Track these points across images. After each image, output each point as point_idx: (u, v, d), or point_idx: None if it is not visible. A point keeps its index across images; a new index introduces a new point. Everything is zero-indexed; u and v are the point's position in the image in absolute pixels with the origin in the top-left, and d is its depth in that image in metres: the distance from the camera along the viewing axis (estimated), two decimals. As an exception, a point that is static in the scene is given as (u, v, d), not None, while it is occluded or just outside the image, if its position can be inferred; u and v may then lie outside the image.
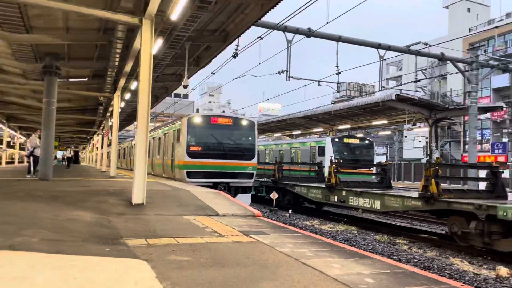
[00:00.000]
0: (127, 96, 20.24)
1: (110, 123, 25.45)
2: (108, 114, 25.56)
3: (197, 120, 15.91)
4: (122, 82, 16.62)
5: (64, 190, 10.46)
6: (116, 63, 14.76)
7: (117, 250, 4.84)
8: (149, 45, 8.88)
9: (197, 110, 19.40)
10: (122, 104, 21.98)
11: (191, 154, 15.28)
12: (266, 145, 32.27)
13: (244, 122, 16.51)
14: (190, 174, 15.03)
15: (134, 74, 15.97)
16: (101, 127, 31.92)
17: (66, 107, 25.37)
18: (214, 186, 14.92)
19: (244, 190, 16.02)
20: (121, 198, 9.34)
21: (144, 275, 3.92)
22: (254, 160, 16.27)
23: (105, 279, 3.72)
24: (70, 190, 10.67)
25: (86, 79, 18.91)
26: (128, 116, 32.45)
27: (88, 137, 49.13)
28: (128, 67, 14.12)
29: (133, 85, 17.61)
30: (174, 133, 16.93)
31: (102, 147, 28.35)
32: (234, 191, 15.58)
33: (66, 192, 10.15)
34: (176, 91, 27.23)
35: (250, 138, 16.42)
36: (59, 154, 54.59)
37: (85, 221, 6.65)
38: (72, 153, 25.44)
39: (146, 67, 8.78)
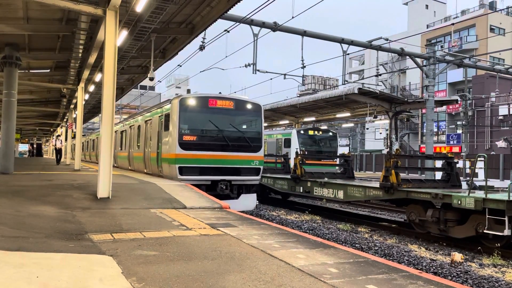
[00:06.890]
0: (92, 88, 19.78)
1: (74, 115, 24.77)
2: (72, 106, 24.88)
3: (192, 102, 12.51)
4: (86, 73, 16.22)
5: (26, 185, 10.17)
6: (80, 55, 14.40)
7: (81, 246, 4.77)
8: (114, 36, 8.75)
9: (188, 91, 14.89)
10: (86, 96, 21.50)
11: (184, 146, 12.12)
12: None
13: (249, 106, 13.26)
14: (183, 170, 12.01)
15: (98, 66, 15.61)
16: (65, 119, 31.02)
17: (28, 99, 24.54)
18: (213, 184, 12.28)
19: (248, 189, 13.05)
20: (86, 192, 9.20)
21: (109, 271, 3.85)
22: (261, 153, 13.20)
23: (69, 276, 3.61)
24: (33, 184, 10.39)
25: (48, 71, 18.37)
26: (93, 108, 31.71)
27: (52, 129, 47.64)
28: (92, 59, 13.80)
29: (98, 77, 17.22)
30: (160, 119, 13.63)
31: (66, 139, 27.52)
32: (237, 190, 12.79)
33: (28, 186, 9.88)
34: (142, 83, 26.68)
35: (256, 125, 13.36)
36: (22, 147, 52.41)
37: (48, 217, 6.54)
38: (58, 144, 23.82)
39: (111, 58, 8.66)
